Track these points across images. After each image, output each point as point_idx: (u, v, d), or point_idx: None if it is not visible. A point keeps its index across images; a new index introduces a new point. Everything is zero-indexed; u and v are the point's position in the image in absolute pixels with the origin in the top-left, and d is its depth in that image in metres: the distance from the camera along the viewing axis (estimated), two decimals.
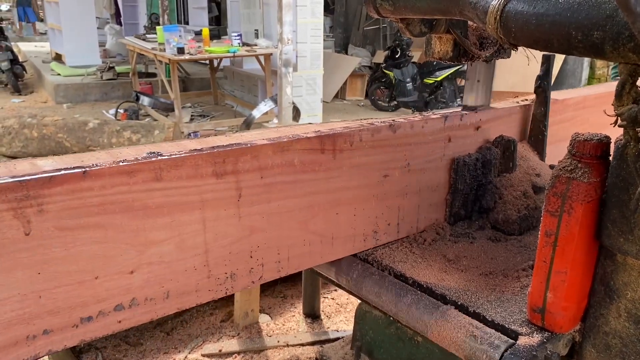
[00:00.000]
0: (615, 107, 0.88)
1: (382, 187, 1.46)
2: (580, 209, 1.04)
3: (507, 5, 0.94)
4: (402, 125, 1.43)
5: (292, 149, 1.25)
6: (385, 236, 1.53)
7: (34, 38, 15.99)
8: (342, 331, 2.72)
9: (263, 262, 1.28)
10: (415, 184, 1.53)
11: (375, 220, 1.48)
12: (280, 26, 5.88)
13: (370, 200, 1.45)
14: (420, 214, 1.59)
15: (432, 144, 1.52)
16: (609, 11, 0.81)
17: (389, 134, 1.42)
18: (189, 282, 1.18)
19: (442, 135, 1.54)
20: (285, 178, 1.26)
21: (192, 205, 1.14)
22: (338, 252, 1.44)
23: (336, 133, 1.32)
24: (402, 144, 1.46)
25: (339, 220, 1.40)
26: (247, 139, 1.22)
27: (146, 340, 2.60)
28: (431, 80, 8.40)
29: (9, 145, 4.98)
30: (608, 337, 1.12)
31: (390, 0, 1.21)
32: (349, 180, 1.38)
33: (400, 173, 1.48)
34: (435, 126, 1.51)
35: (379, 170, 1.43)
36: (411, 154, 1.49)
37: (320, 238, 1.38)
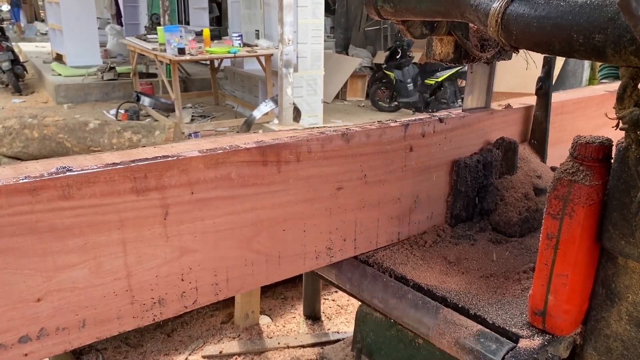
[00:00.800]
0: (616, 111, 0.88)
1: (335, 201, 1.37)
2: (581, 212, 1.04)
3: (508, 8, 0.94)
4: (356, 134, 1.35)
5: (228, 161, 1.15)
6: (341, 253, 1.44)
7: (35, 38, 15.99)
8: (343, 333, 2.71)
9: (197, 285, 1.18)
10: (373, 196, 1.44)
11: (329, 236, 1.39)
12: (281, 27, 5.88)
13: (322, 215, 1.35)
14: (380, 228, 1.50)
15: (392, 153, 1.44)
16: (611, 14, 0.81)
17: (342, 144, 1.33)
18: (108, 309, 1.08)
19: (402, 144, 1.46)
20: (221, 193, 1.16)
21: (109, 225, 1.03)
22: (286, 272, 1.34)
23: (280, 144, 1.23)
24: (358, 154, 1.37)
25: (287, 237, 1.30)
26: (177, 151, 1.12)
27: (147, 342, 2.60)
28: (432, 81, 8.40)
29: (9, 145, 4.98)
30: (609, 340, 1.12)
31: (391, 3, 1.21)
32: (297, 194, 1.29)
33: (356, 185, 1.39)
34: (394, 135, 1.43)
35: (331, 182, 1.34)
36: (368, 164, 1.40)
37: (265, 257, 1.28)
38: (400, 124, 1.43)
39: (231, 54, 6.93)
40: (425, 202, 1.59)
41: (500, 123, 1.75)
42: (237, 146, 1.18)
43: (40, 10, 19.59)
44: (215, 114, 8.18)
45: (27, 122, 5.00)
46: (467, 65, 1.57)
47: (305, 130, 1.36)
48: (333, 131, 1.33)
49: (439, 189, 1.63)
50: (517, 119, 1.83)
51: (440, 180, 1.61)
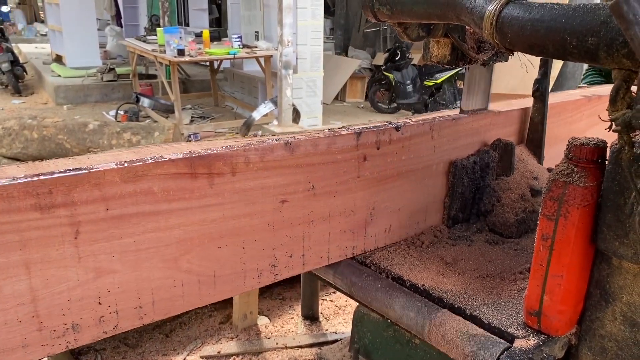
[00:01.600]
0: (609, 113, 0.89)
1: (279, 214, 1.28)
2: (576, 213, 1.05)
3: (503, 11, 0.95)
4: (302, 143, 1.27)
5: (150, 174, 1.06)
6: (287, 270, 1.35)
7: (35, 39, 16.00)
8: (341, 333, 2.72)
9: (117, 308, 1.08)
10: (323, 209, 1.36)
11: (273, 252, 1.30)
12: (281, 28, 5.89)
13: (264, 230, 1.26)
14: (332, 242, 1.41)
15: (343, 163, 1.36)
16: (603, 17, 0.82)
17: (285, 154, 1.24)
18: (11, 337, 0.98)
19: (354, 154, 1.37)
20: (142, 209, 1.06)
21: (8, 245, 0.94)
22: (224, 292, 1.24)
23: (212, 154, 1.13)
24: (304, 164, 1.28)
25: (223, 255, 1.21)
26: (91, 163, 1.03)
27: (145, 342, 2.61)
28: (431, 83, 8.41)
29: (9, 146, 4.99)
30: (604, 340, 1.12)
31: (387, 5, 1.22)
32: (234, 208, 1.19)
33: (303, 197, 1.31)
34: (345, 144, 1.35)
35: (274, 195, 1.25)
36: (316, 175, 1.31)
37: (197, 277, 1.18)
38: (351, 132, 1.35)
39: (231, 55, 6.94)
40: (383, 214, 1.51)
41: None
42: (160, 157, 1.08)
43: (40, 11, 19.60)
44: (214, 115, 8.19)
45: (27, 123, 5.00)
46: (465, 67, 1.58)
47: (244, 139, 1.26)
48: (275, 140, 1.23)
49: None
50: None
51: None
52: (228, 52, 6.95)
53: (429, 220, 1.65)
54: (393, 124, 1.45)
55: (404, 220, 1.57)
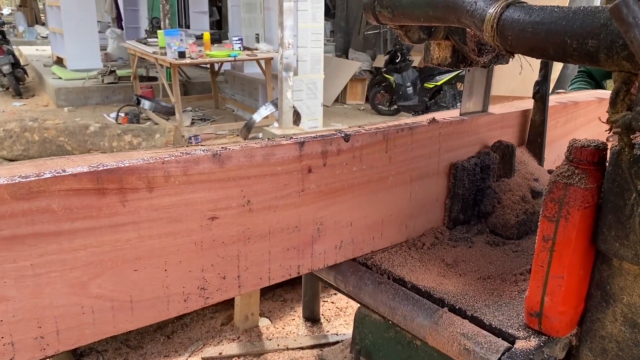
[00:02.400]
0: (609, 115, 0.90)
1: (208, 233, 1.16)
2: (577, 215, 1.06)
3: (503, 13, 0.96)
4: (233, 155, 1.15)
5: (48, 190, 0.95)
6: (220, 293, 1.22)
7: (36, 42, 16.02)
8: (342, 335, 2.73)
9: (13, 340, 0.97)
10: (262, 225, 1.24)
11: (202, 274, 1.17)
12: (281, 30, 5.91)
13: (190, 251, 1.14)
14: (273, 261, 1.29)
15: (284, 176, 1.25)
16: (603, 20, 0.83)
17: (213, 167, 1.13)
18: None
19: (297, 165, 1.27)
20: (39, 229, 0.95)
21: None
22: (144, 318, 1.12)
23: (123, 168, 1.01)
24: (237, 177, 1.17)
25: (141, 278, 1.09)
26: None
27: (147, 344, 2.61)
28: (431, 85, 8.43)
29: (10, 148, 5.00)
30: (604, 341, 1.13)
31: (389, 8, 1.22)
32: (153, 227, 1.07)
33: (236, 213, 1.19)
34: (286, 155, 1.24)
35: (201, 211, 1.14)
36: (252, 189, 1.20)
37: (110, 303, 1.06)
38: (293, 142, 1.25)
39: (231, 57, 6.96)
40: (332, 230, 1.39)
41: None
42: (61, 172, 0.96)
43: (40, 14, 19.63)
44: (215, 118, 8.20)
45: (28, 125, 5.02)
46: (466, 69, 1.59)
47: (166, 150, 1.16)
48: (202, 151, 1.12)
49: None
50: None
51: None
52: (229, 54, 6.96)
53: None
54: (342, 133, 1.35)
55: (358, 235, 1.46)
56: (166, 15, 9.90)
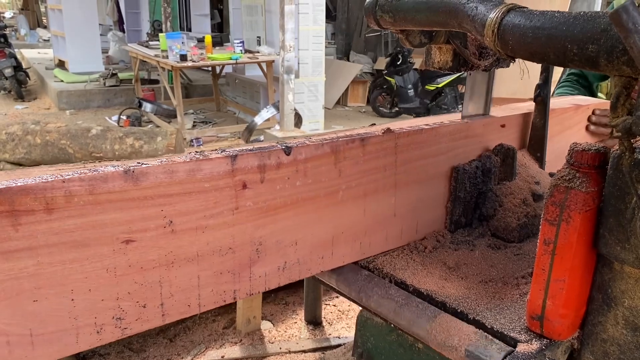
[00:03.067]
0: (610, 119, 0.90)
1: (123, 258, 1.04)
2: (578, 218, 1.06)
3: (504, 18, 0.96)
4: (150, 171, 1.04)
5: None
6: (140, 322, 1.11)
7: (37, 45, 16.06)
8: (344, 338, 2.73)
9: None
10: (188, 248, 1.12)
11: (117, 303, 1.06)
12: (282, 33, 5.92)
13: (101, 278, 1.02)
14: (203, 287, 1.17)
15: (214, 193, 1.13)
16: (604, 25, 0.83)
17: (126, 185, 1.01)
18: None
19: (229, 181, 1.15)
20: None
21: None
22: (47, 354, 1.01)
23: (14, 188, 0.91)
24: (155, 196, 1.05)
25: (42, 309, 0.98)
26: None
27: (149, 347, 2.62)
28: (432, 87, 8.44)
29: (12, 151, 5.01)
30: (606, 344, 1.13)
31: (390, 13, 1.23)
32: (53, 253, 0.97)
33: (156, 235, 1.07)
34: (215, 170, 1.13)
35: (113, 234, 1.02)
36: (175, 208, 1.09)
37: (5, 338, 0.95)
38: (223, 156, 1.14)
39: (233, 60, 6.98)
40: (274, 250, 1.28)
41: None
42: None
43: (42, 17, 19.68)
44: (216, 120, 8.22)
45: (30, 128, 5.03)
46: (467, 72, 1.59)
47: (73, 167, 1.05)
48: (112, 168, 1.01)
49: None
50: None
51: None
52: (230, 57, 6.98)
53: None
54: (282, 146, 1.24)
55: (305, 255, 1.34)
56: (168, 18, 9.93)
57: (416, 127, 1.52)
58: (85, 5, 10.12)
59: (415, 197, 1.56)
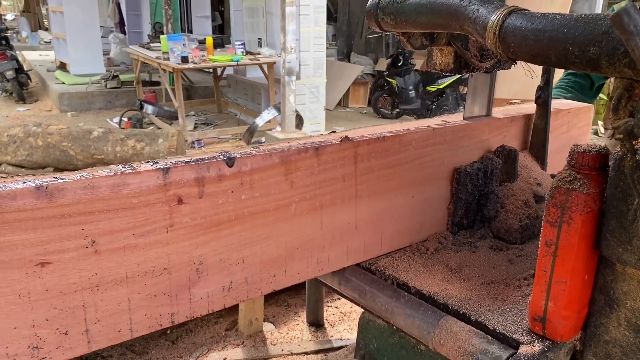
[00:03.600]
0: (612, 121, 0.90)
1: (38, 281, 0.96)
2: (579, 220, 1.06)
3: (505, 21, 0.97)
4: (67, 187, 0.95)
5: None
6: (62, 351, 1.02)
7: (39, 47, 16.09)
8: (346, 340, 2.73)
9: None
10: (115, 269, 1.04)
11: (33, 331, 0.97)
12: (284, 35, 5.92)
13: (12, 303, 0.94)
14: (135, 310, 1.08)
15: (144, 209, 1.04)
16: (605, 27, 0.83)
17: (38, 203, 0.93)
18: None
19: (162, 195, 1.06)
20: None
21: None
22: None
23: None
24: (74, 213, 0.97)
25: None
26: None
27: (151, 349, 2.62)
28: (434, 88, 8.44)
29: (14, 153, 5.02)
30: (608, 345, 1.13)
31: (391, 15, 1.23)
32: None
33: (77, 257, 0.99)
34: (144, 184, 1.03)
35: (25, 256, 0.93)
36: (99, 227, 1.00)
37: None
38: (154, 169, 1.05)
39: (234, 62, 6.98)
40: (217, 269, 1.18)
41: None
42: None
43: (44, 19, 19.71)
44: (218, 122, 8.22)
45: (31, 131, 5.04)
46: (468, 74, 1.59)
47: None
48: (22, 184, 0.92)
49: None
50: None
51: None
52: (231, 59, 6.98)
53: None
54: (224, 156, 1.15)
55: (254, 273, 1.25)
56: (169, 20, 9.94)
57: (378, 134, 1.43)
58: (87, 8, 10.13)
59: (380, 207, 1.47)
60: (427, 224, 1.64)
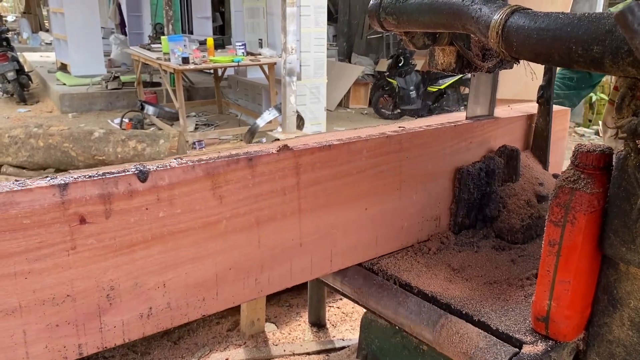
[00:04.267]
0: (615, 120, 0.90)
1: None
2: (583, 219, 1.06)
3: (508, 20, 0.96)
4: None
5: None
6: None
7: (40, 48, 16.10)
8: (348, 340, 2.73)
9: None
10: (5, 298, 0.93)
11: None
12: (284, 35, 5.92)
13: None
14: (32, 344, 0.97)
15: (37, 230, 0.93)
16: (608, 26, 0.83)
17: None
18: None
19: (59, 215, 0.95)
20: None
21: None
22: None
23: None
24: None
25: None
26: None
27: (153, 350, 2.62)
28: (434, 88, 8.44)
29: (15, 155, 5.02)
30: (612, 345, 1.13)
31: (393, 15, 1.23)
32: None
33: None
34: (36, 202, 0.92)
35: None
36: None
37: None
38: (49, 185, 0.94)
39: (235, 62, 6.99)
40: (133, 294, 1.07)
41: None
42: None
43: (44, 20, 19.73)
44: (219, 123, 8.22)
45: (33, 132, 5.04)
46: (471, 73, 1.59)
47: None
48: None
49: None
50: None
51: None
52: (232, 59, 6.98)
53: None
54: (136, 170, 1.04)
55: (178, 298, 1.14)
56: (169, 21, 9.95)
57: (325, 142, 1.31)
58: (87, 9, 10.14)
59: (329, 222, 1.36)
60: (382, 237, 1.51)
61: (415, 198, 1.55)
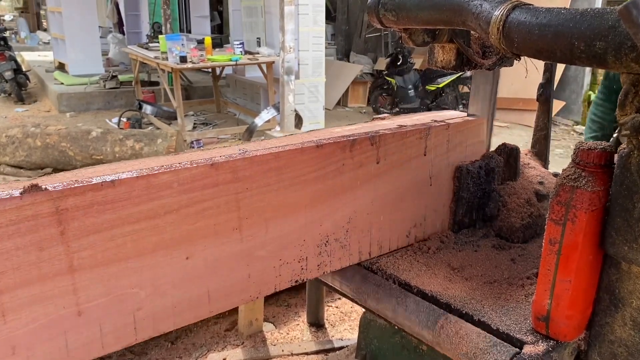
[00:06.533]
0: (618, 117, 0.89)
1: None
2: (584, 218, 1.05)
3: (509, 16, 0.95)
4: None
5: None
6: None
7: (38, 47, 16.06)
8: (347, 340, 2.71)
9: None
10: None
11: None
12: (282, 34, 5.90)
13: None
14: None
15: None
16: (611, 22, 0.82)
17: None
18: None
19: None
20: None
21: None
22: None
23: None
24: None
25: None
26: None
27: (151, 350, 2.60)
28: (433, 87, 8.42)
29: (12, 154, 5.00)
30: (614, 345, 1.12)
31: (393, 11, 1.22)
32: None
33: None
34: None
35: None
36: None
37: None
38: None
39: (233, 61, 6.96)
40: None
41: None
42: None
43: (42, 20, 19.68)
44: (217, 122, 8.20)
45: (30, 131, 5.01)
46: (471, 71, 1.58)
47: None
48: None
49: None
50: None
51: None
52: (230, 58, 6.96)
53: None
54: None
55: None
56: (167, 20, 9.93)
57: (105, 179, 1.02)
58: (85, 8, 10.10)
59: (127, 280, 1.07)
60: (222, 290, 1.21)
61: (266, 237, 1.26)
